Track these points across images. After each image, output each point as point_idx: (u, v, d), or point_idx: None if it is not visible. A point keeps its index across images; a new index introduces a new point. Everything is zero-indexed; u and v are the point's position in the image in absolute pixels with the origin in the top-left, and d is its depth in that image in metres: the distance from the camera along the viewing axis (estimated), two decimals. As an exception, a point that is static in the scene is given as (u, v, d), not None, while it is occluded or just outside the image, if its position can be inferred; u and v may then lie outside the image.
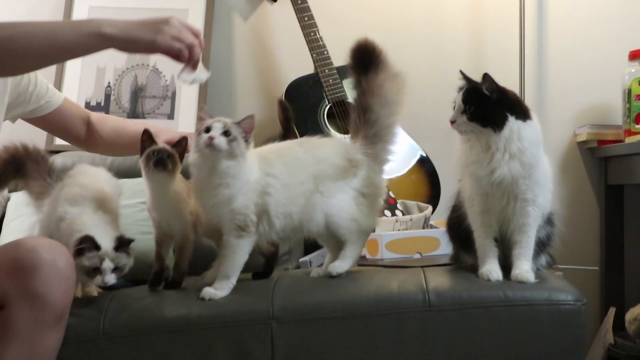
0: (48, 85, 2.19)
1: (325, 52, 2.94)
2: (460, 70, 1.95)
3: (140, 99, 3.05)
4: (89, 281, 1.89)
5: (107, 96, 3.03)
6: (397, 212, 2.63)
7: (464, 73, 1.94)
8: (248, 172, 1.90)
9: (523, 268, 1.90)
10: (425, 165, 2.95)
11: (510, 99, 1.89)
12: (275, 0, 3.21)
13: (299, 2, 2.98)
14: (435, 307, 1.85)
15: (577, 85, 3.28)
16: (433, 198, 2.90)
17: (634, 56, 3.02)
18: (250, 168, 1.90)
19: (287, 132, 2.20)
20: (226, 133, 1.85)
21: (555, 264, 2.06)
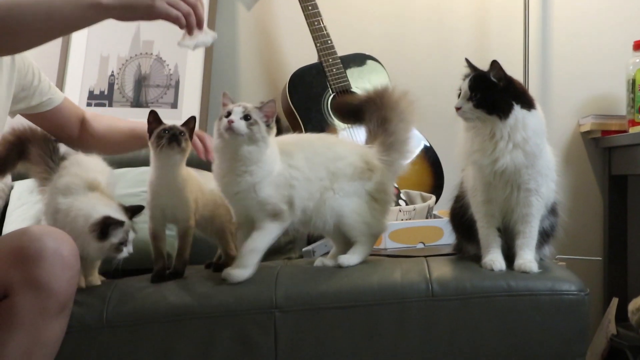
0: (50, 83, 2.20)
1: (329, 42, 2.93)
2: (466, 59, 1.94)
3: (143, 88, 3.04)
4: (115, 256, 1.91)
5: (111, 85, 3.03)
6: (401, 201, 2.63)
7: (469, 61, 1.94)
8: (271, 160, 1.89)
9: (526, 258, 1.90)
10: (428, 155, 2.95)
11: (517, 88, 1.88)
12: (279, -11, 3.20)
13: (303, -9, 2.97)
14: (438, 297, 1.85)
15: (581, 76, 3.28)
16: (436, 188, 2.89)
17: (638, 46, 3.02)
18: (273, 155, 1.90)
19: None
20: (246, 117, 1.84)
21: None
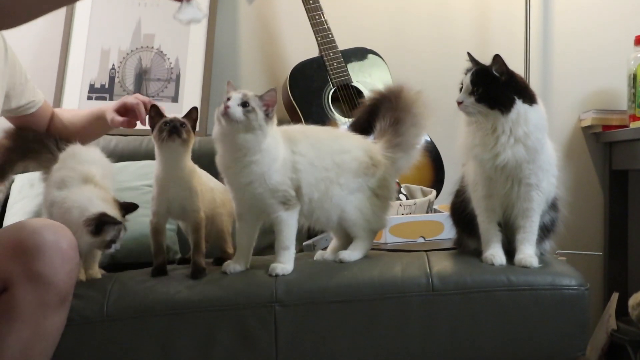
0: (34, 85, 2.20)
1: (330, 36, 2.92)
2: (468, 52, 1.94)
3: (144, 82, 3.04)
4: (101, 251, 1.93)
5: (112, 78, 3.02)
6: (401, 196, 2.63)
7: (471, 55, 1.94)
8: (273, 148, 1.88)
9: (527, 253, 1.91)
10: (429, 149, 2.94)
11: (519, 83, 1.89)
12: (280, -17, 3.20)
13: (304, -15, 2.96)
14: (438, 291, 1.85)
15: (582, 70, 3.27)
16: (437, 182, 2.89)
17: (639, 41, 3.01)
18: (275, 144, 1.89)
19: None
20: (244, 104, 1.84)
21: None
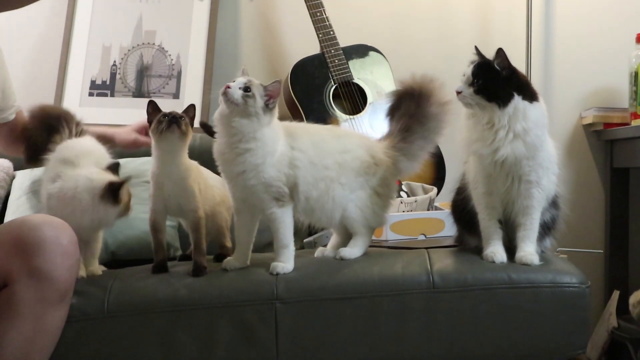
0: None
1: (332, 33, 2.92)
2: (476, 46, 1.95)
3: (145, 78, 3.04)
4: (127, 215, 1.98)
5: (113, 75, 3.02)
6: (402, 193, 2.62)
7: (478, 49, 1.94)
8: (271, 141, 1.88)
9: (527, 250, 1.91)
10: (430, 147, 2.94)
11: (520, 79, 1.89)
12: (281, -20, 3.19)
13: (305, -19, 2.96)
14: (439, 289, 1.85)
15: (584, 68, 3.27)
16: (438, 180, 2.89)
17: (641, 39, 3.01)
18: (273, 137, 1.89)
19: None
20: (246, 89, 1.84)
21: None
